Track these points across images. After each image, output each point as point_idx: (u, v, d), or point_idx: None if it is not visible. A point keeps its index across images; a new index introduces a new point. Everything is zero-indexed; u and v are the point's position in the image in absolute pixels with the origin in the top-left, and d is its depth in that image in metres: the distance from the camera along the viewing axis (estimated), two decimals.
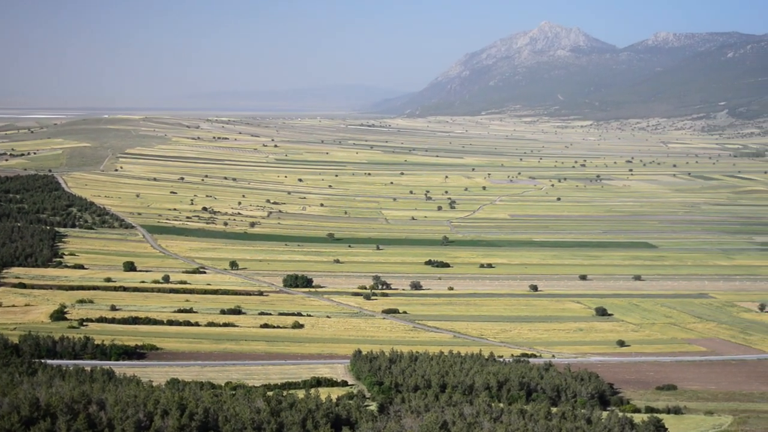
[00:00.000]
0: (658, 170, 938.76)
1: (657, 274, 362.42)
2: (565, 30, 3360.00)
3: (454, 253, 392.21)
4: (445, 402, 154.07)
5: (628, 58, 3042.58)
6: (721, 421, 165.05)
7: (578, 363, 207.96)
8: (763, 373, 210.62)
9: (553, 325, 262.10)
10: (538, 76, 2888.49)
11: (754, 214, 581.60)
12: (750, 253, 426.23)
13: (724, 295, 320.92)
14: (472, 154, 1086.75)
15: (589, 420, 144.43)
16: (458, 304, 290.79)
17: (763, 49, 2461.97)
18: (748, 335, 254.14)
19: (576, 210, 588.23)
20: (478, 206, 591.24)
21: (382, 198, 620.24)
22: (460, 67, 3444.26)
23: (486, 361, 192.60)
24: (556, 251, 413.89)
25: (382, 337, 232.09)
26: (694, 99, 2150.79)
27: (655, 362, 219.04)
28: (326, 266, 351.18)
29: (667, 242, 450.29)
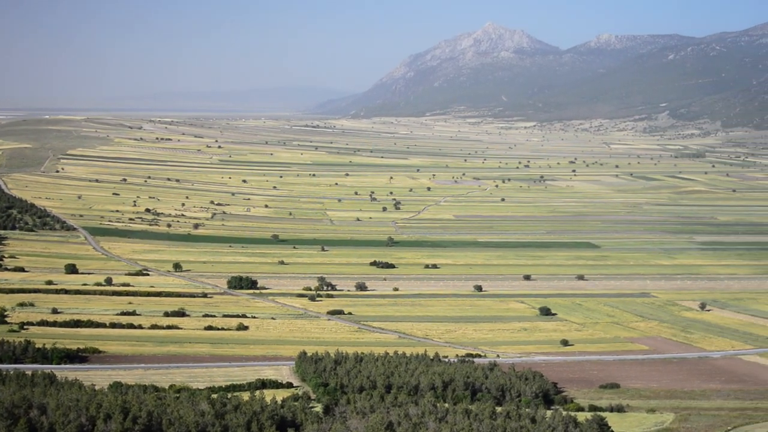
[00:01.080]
0: (600, 171, 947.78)
1: (600, 273, 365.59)
2: (509, 31, 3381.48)
3: (399, 254, 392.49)
4: (390, 403, 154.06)
5: (571, 59, 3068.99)
6: (663, 418, 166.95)
7: (522, 362, 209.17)
8: (704, 370, 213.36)
9: (497, 325, 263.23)
10: (482, 77, 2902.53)
11: (694, 214, 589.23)
12: (691, 252, 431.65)
13: (665, 294, 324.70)
14: (417, 155, 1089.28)
15: (534, 419, 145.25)
16: (403, 304, 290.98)
17: (703, 51, 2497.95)
18: (689, 334, 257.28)
19: (520, 210, 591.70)
20: (423, 207, 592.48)
21: (327, 199, 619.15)
22: (405, 68, 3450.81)
23: (431, 361, 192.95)
24: (500, 251, 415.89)
25: (327, 339, 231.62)
26: (636, 100, 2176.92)
27: (598, 361, 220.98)
28: (271, 267, 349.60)
29: (609, 242, 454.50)
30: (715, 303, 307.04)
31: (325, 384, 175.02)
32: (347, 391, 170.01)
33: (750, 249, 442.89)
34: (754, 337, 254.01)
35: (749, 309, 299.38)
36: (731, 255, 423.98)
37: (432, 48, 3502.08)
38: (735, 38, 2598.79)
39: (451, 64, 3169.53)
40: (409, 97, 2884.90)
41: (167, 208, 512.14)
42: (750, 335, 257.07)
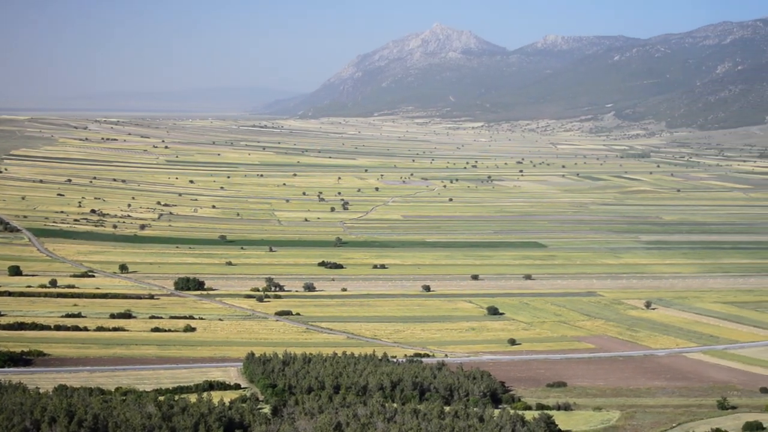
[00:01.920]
0: (547, 171, 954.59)
1: (547, 273, 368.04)
2: (456, 32, 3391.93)
3: (347, 254, 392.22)
4: (338, 403, 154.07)
5: (518, 60, 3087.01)
6: (609, 416, 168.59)
7: (471, 362, 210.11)
8: (649, 368, 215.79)
9: (445, 325, 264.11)
10: (430, 77, 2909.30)
11: (640, 214, 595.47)
12: (636, 251, 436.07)
13: (611, 293, 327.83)
14: (365, 156, 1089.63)
15: (482, 418, 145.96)
16: (352, 305, 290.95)
17: (647, 52, 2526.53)
18: (634, 332, 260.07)
19: (468, 210, 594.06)
20: (371, 207, 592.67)
21: (275, 199, 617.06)
22: (353, 68, 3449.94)
23: (379, 361, 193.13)
24: (448, 251, 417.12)
25: (276, 340, 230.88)
26: (582, 101, 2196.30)
27: (545, 360, 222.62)
28: (218, 268, 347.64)
29: (556, 242, 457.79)
30: (660, 301, 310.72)
31: (274, 385, 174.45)
32: (295, 392, 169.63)
33: (694, 248, 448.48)
34: (698, 335, 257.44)
35: (693, 307, 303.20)
36: (676, 254, 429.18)
37: (380, 48, 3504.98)
38: (679, 40, 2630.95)
39: (399, 64, 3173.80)
40: (357, 98, 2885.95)
41: (113, 209, 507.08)
42: (694, 333, 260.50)
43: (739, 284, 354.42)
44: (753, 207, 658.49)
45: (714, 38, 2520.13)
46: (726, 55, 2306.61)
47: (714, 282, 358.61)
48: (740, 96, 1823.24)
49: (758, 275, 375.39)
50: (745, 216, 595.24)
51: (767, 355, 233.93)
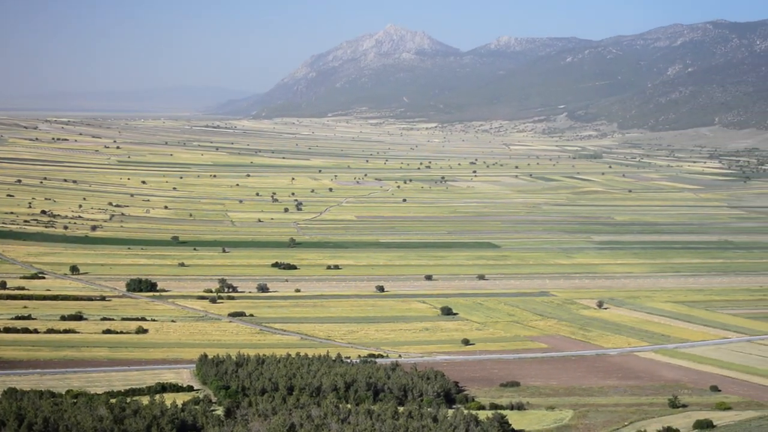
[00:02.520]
0: (500, 171, 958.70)
1: (500, 273, 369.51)
2: (410, 33, 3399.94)
3: (301, 255, 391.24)
4: (292, 404, 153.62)
5: (472, 61, 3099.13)
6: (562, 415, 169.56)
7: (424, 362, 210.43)
8: (601, 368, 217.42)
9: (399, 325, 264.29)
10: (384, 78, 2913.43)
11: (592, 214, 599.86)
12: (588, 251, 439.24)
13: (564, 292, 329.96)
14: (319, 156, 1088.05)
15: (435, 418, 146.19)
16: (305, 306, 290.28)
17: (599, 54, 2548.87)
18: (587, 331, 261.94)
19: (422, 211, 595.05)
20: (325, 208, 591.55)
21: (228, 200, 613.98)
22: (307, 68, 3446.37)
23: (333, 362, 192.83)
24: (402, 252, 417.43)
25: (229, 341, 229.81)
26: (535, 102, 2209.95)
27: (498, 360, 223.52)
28: (171, 270, 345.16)
29: (509, 242, 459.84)
30: (612, 301, 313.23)
31: (227, 387, 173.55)
32: (249, 394, 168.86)
33: (645, 248, 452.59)
34: (649, 334, 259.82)
35: (645, 307, 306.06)
36: (627, 254, 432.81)
37: (334, 49, 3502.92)
38: (630, 41, 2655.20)
39: (353, 65, 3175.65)
40: (311, 98, 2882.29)
41: (64, 210, 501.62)
42: (645, 332, 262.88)
43: (690, 284, 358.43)
44: (703, 207, 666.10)
45: (665, 40, 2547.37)
46: (677, 57, 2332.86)
47: (665, 282, 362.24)
48: (690, 98, 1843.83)
49: (708, 275, 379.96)
50: (695, 216, 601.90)
51: (717, 353, 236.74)
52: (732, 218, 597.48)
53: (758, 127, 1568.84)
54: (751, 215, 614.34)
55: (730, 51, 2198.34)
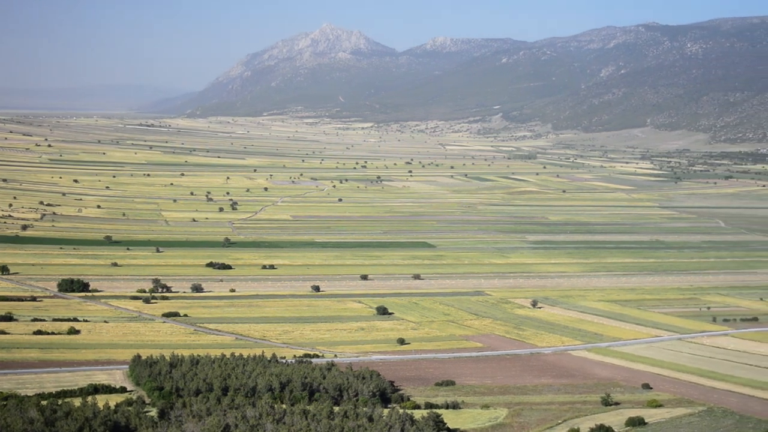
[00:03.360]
0: (436, 171, 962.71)
1: (436, 272, 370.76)
2: (346, 33, 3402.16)
3: (236, 255, 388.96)
4: (227, 405, 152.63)
5: (408, 61, 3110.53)
6: (497, 414, 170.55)
7: (360, 362, 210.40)
8: (535, 366, 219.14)
9: (335, 325, 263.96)
10: (319, 77, 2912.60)
11: (526, 214, 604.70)
12: (523, 251, 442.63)
13: (499, 292, 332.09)
14: (254, 155, 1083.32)
15: (371, 418, 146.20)
16: (240, 306, 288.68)
17: (534, 55, 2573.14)
18: (521, 330, 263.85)
19: (357, 211, 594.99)
20: (260, 207, 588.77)
21: (162, 199, 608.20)
22: (242, 67, 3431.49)
23: (269, 362, 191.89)
24: (338, 252, 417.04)
25: (162, 342, 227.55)
26: (471, 102, 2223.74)
27: (434, 359, 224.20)
28: (104, 270, 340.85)
29: (445, 242, 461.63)
30: (546, 300, 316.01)
31: (160, 388, 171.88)
32: (183, 395, 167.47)
33: (579, 247, 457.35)
34: (582, 333, 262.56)
35: (578, 306, 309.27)
36: (561, 254, 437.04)
37: (269, 47, 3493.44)
38: (564, 43, 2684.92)
39: (289, 64, 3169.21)
40: (246, 97, 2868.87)
41: None
42: (579, 331, 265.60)
43: (622, 283, 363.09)
44: (635, 207, 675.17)
45: (598, 42, 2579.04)
46: (610, 59, 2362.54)
47: (598, 281, 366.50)
48: (623, 99, 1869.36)
49: (640, 274, 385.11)
50: (627, 216, 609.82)
51: (649, 352, 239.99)
52: (663, 218, 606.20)
53: (689, 129, 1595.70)
54: (682, 215, 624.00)
55: (662, 53, 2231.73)
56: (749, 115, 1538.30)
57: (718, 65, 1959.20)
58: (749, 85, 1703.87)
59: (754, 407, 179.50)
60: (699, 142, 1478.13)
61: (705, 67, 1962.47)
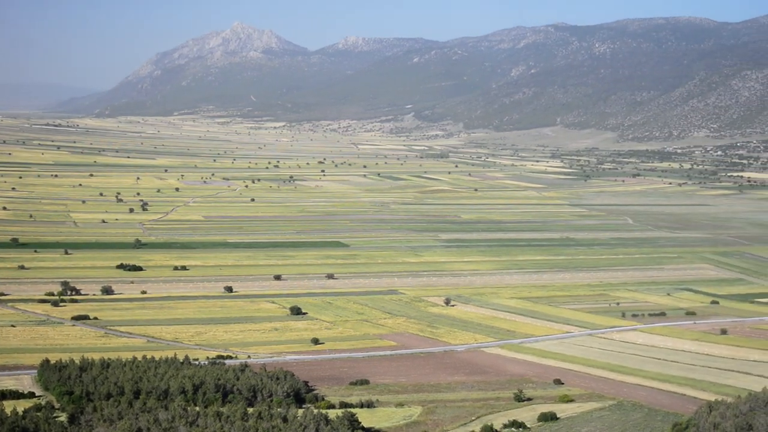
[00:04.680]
0: (349, 171, 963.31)
1: (349, 272, 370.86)
2: (257, 32, 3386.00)
3: (147, 256, 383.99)
4: (139, 408, 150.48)
5: (320, 60, 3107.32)
6: (411, 412, 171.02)
7: (274, 362, 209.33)
8: (449, 364, 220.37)
9: (248, 326, 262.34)
10: (231, 77, 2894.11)
11: (439, 213, 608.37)
12: (436, 250, 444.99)
13: (412, 290, 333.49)
14: (165, 155, 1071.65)
15: (285, 418, 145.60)
16: (152, 307, 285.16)
17: (445, 55, 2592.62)
18: (435, 328, 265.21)
19: (270, 211, 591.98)
20: (171, 208, 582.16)
21: (71, 200, 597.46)
22: (152, 66, 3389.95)
23: (181, 364, 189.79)
24: (250, 252, 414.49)
25: (72, 345, 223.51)
26: (383, 102, 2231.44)
27: (348, 358, 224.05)
28: (10, 272, 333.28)
29: (358, 241, 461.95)
30: (459, 298, 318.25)
31: (70, 392, 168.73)
32: (94, 399, 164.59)
33: (491, 246, 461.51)
34: (495, 330, 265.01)
35: (490, 303, 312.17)
36: (474, 252, 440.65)
37: (180, 46, 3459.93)
38: (476, 43, 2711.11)
39: (200, 63, 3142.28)
40: (156, 96, 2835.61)
41: None
42: (492, 328, 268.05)
43: (534, 280, 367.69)
44: (546, 206, 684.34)
45: (509, 42, 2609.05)
46: (520, 59, 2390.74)
47: (510, 278, 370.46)
48: (533, 98, 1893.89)
49: (551, 271, 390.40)
50: (538, 214, 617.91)
51: (560, 347, 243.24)
52: (573, 216, 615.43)
53: (597, 128, 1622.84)
54: (592, 213, 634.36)
55: (571, 53, 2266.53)
56: (656, 114, 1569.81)
57: (625, 65, 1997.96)
58: (655, 85, 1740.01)
59: (662, 400, 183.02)
60: (607, 140, 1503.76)
61: (613, 67, 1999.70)
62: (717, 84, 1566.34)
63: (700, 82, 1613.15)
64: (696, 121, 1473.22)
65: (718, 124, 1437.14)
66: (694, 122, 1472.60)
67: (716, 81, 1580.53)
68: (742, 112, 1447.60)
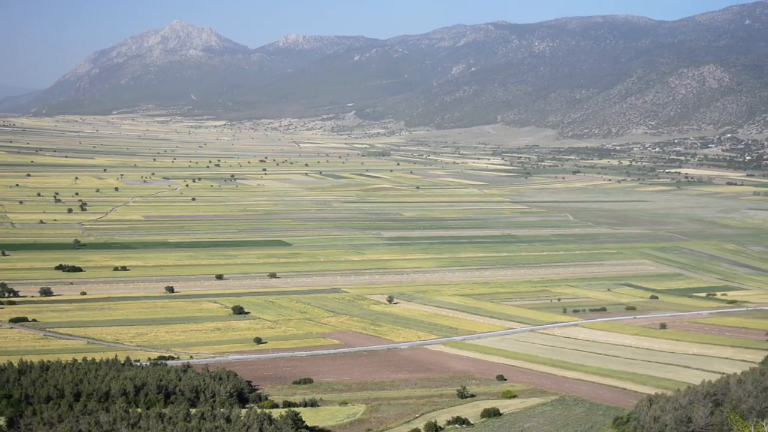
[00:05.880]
0: (291, 169, 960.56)
1: (292, 271, 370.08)
2: (197, 29, 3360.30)
3: (86, 257, 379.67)
4: (79, 411, 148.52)
5: (260, 59, 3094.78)
6: (355, 410, 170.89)
7: (216, 363, 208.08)
8: (392, 361, 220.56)
9: (190, 326, 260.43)
10: (170, 75, 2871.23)
11: (381, 211, 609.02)
12: (378, 247, 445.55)
13: (355, 289, 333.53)
14: (104, 155, 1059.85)
15: (228, 419, 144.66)
16: (92, 309, 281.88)
17: (386, 53, 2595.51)
18: (378, 326, 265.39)
19: (211, 210, 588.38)
20: (111, 208, 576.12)
21: (8, 201, 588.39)
22: (90, 64, 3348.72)
23: (122, 366, 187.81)
24: (192, 252, 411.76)
25: (10, 348, 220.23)
26: (324, 100, 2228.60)
27: (291, 357, 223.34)
28: None
29: (300, 240, 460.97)
30: (402, 296, 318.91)
31: (9, 395, 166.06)
32: (33, 402, 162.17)
33: (433, 243, 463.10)
34: (438, 327, 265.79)
35: (433, 300, 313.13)
36: (416, 249, 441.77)
37: (118, 44, 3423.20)
38: (416, 41, 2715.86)
39: (138, 61, 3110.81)
40: (94, 95, 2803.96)
41: None
42: (434, 325, 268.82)
43: (476, 277, 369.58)
44: (487, 203, 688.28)
45: (449, 40, 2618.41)
46: (461, 57, 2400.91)
47: (452, 275, 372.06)
48: (474, 96, 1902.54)
49: (493, 268, 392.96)
50: (480, 211, 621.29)
51: (503, 344, 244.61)
52: (514, 213, 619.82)
53: (537, 125, 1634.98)
54: (532, 210, 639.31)
55: (511, 51, 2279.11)
56: (594, 112, 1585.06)
57: (564, 63, 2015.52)
58: (594, 83, 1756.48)
59: (603, 395, 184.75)
60: (548, 138, 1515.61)
61: (552, 65, 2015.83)
62: (654, 82, 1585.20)
63: (638, 80, 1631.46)
64: (634, 118, 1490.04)
65: (656, 121, 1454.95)
66: (632, 119, 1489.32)
67: (654, 79, 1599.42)
68: (679, 109, 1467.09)
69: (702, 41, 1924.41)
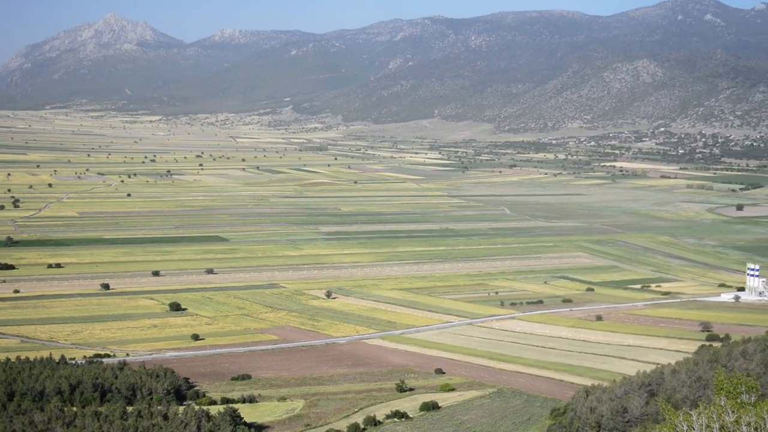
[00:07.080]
0: (228, 164, 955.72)
1: (229, 266, 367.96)
2: (131, 23, 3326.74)
3: (19, 254, 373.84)
4: (13, 411, 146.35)
5: (196, 53, 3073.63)
6: (294, 405, 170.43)
7: (153, 360, 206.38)
8: (331, 356, 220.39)
9: (126, 324, 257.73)
10: (105, 70, 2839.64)
11: (319, 206, 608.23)
12: (316, 242, 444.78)
13: (293, 284, 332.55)
14: (37, 150, 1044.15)
15: (166, 416, 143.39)
16: (25, 307, 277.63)
17: (323, 47, 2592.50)
18: (316, 321, 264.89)
19: (147, 206, 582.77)
20: (44, 204, 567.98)
21: None
22: (22, 59, 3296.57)
23: (57, 364, 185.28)
24: (127, 248, 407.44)
25: None
26: (261, 95, 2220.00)
27: (229, 354, 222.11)
28: None
29: (238, 235, 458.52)
30: (341, 291, 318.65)
31: None
32: None
33: (371, 237, 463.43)
34: (376, 322, 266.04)
35: (371, 295, 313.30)
36: (354, 244, 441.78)
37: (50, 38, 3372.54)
38: (353, 35, 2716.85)
39: (72, 55, 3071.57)
40: (26, 90, 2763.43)
41: None
42: (373, 320, 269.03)
43: (414, 271, 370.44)
44: (425, 197, 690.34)
45: (386, 35, 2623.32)
46: (398, 51, 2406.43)
47: (391, 270, 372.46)
48: (411, 91, 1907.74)
49: (431, 262, 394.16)
50: (417, 206, 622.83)
51: (441, 337, 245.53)
52: (452, 207, 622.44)
53: (474, 119, 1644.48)
54: (470, 203, 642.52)
55: (448, 46, 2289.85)
56: (531, 106, 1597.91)
57: (501, 57, 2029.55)
58: (530, 77, 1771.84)
59: (541, 387, 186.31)
60: (484, 132, 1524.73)
61: (489, 60, 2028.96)
62: (589, 76, 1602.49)
63: (573, 75, 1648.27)
64: (570, 112, 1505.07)
65: (591, 115, 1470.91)
66: (567, 114, 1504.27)
67: (588, 73, 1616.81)
68: (613, 103, 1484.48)
69: (636, 36, 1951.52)
